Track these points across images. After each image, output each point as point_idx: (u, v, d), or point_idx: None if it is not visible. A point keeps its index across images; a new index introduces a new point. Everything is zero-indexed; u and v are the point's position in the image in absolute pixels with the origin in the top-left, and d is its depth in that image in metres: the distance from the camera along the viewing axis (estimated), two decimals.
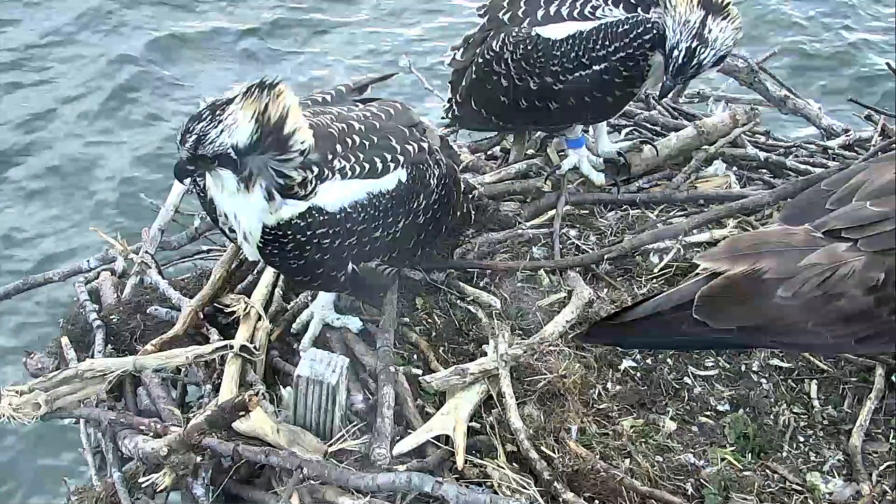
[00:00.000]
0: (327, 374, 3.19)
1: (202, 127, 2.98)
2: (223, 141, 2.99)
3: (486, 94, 4.25)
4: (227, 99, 3.02)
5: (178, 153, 3.06)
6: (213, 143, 2.99)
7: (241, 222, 3.20)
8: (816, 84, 9.74)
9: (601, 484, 3.19)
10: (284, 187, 3.12)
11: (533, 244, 4.23)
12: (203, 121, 2.99)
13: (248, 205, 3.15)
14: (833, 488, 3.33)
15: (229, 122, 2.98)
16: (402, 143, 3.40)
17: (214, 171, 3.09)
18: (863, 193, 3.07)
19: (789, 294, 2.97)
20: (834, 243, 2.99)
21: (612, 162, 4.59)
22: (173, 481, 3.23)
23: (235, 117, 2.99)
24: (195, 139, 2.99)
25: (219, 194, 3.18)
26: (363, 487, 3.06)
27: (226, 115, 2.99)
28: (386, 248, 3.39)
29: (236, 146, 3.00)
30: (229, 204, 3.19)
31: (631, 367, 3.70)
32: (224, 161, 3.03)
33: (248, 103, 2.99)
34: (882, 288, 2.93)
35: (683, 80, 4.13)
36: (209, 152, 3.00)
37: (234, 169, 3.05)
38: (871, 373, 3.65)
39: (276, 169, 3.08)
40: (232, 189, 3.11)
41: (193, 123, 3.00)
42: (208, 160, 3.03)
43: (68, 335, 3.82)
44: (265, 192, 3.11)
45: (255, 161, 3.05)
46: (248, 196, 3.11)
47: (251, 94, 3.00)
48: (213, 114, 2.99)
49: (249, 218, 3.18)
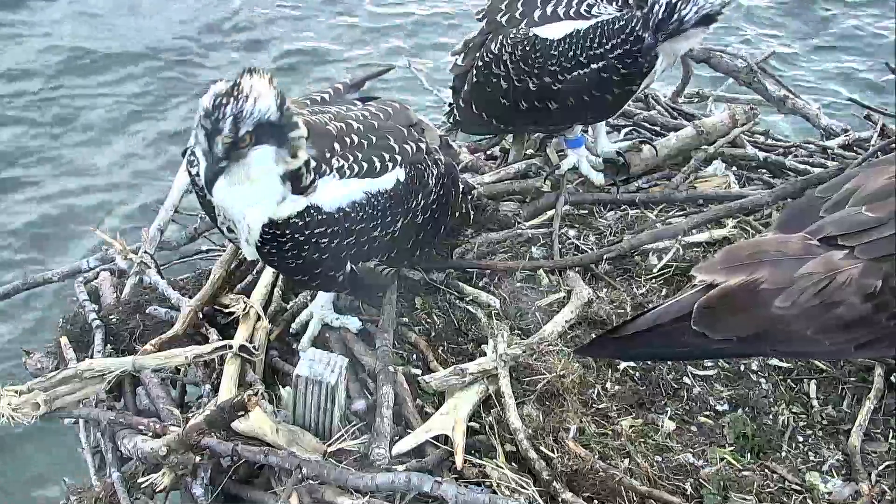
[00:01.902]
0: (326, 373, 3.19)
1: (232, 107, 2.90)
2: (260, 108, 2.92)
3: (487, 96, 4.26)
4: (234, 82, 2.95)
5: (209, 154, 2.94)
6: (251, 116, 2.91)
7: (247, 215, 3.16)
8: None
9: (600, 484, 3.19)
10: (295, 173, 3.09)
11: (532, 244, 4.24)
12: (229, 103, 2.91)
13: (257, 197, 3.11)
14: (832, 488, 3.33)
15: (254, 93, 2.92)
16: (401, 142, 3.40)
17: (245, 157, 2.99)
18: (857, 198, 3.07)
19: (787, 304, 2.97)
20: (830, 251, 2.99)
21: (612, 162, 4.60)
22: (172, 481, 3.23)
23: (256, 88, 2.93)
24: (233, 119, 2.89)
25: (225, 190, 3.07)
26: (362, 487, 3.06)
27: (247, 89, 2.92)
28: (384, 248, 3.39)
29: (270, 111, 2.94)
30: (238, 198, 3.12)
31: (630, 367, 3.70)
32: (263, 133, 2.95)
33: (256, 78, 2.95)
34: (880, 294, 2.93)
35: (664, 37, 3.98)
36: (250, 126, 2.91)
37: (275, 138, 2.99)
38: (871, 373, 3.66)
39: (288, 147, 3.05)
40: (266, 169, 3.03)
41: (220, 109, 2.90)
42: (246, 142, 2.94)
43: (68, 335, 3.83)
44: (281, 175, 3.07)
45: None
46: (258, 186, 3.07)
47: (251, 72, 2.96)
48: (233, 94, 2.92)
49: (255, 212, 3.14)
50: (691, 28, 3.96)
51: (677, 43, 4.05)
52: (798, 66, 10.20)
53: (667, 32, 3.94)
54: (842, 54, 10.53)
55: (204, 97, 2.95)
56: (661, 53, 4.05)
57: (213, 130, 2.91)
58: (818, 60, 10.42)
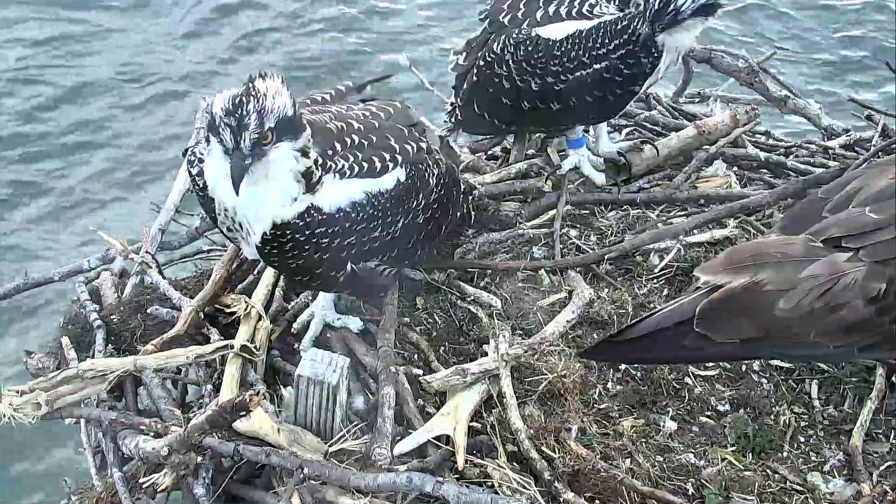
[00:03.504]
0: (328, 374, 3.19)
1: (253, 105, 2.92)
2: (279, 105, 2.95)
3: (489, 96, 4.25)
4: (249, 84, 2.97)
5: (235, 152, 2.94)
6: (273, 112, 2.93)
7: (261, 215, 3.14)
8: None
9: (602, 484, 3.19)
10: (307, 171, 3.09)
11: (533, 244, 4.23)
12: (250, 101, 2.92)
13: (274, 196, 3.10)
14: (834, 488, 3.33)
15: (271, 91, 2.95)
16: (401, 142, 3.39)
17: (266, 156, 2.99)
18: (860, 199, 3.07)
19: (790, 306, 2.96)
20: (834, 253, 2.98)
21: (613, 162, 4.60)
22: (174, 481, 3.23)
23: (273, 87, 2.96)
24: (257, 116, 2.91)
25: (245, 189, 3.02)
26: (364, 487, 3.06)
27: (263, 89, 2.95)
28: (385, 248, 3.39)
29: (287, 108, 2.97)
30: (256, 198, 3.09)
31: (631, 368, 3.70)
32: (282, 131, 2.98)
33: (269, 79, 2.98)
34: (884, 298, 2.93)
35: (662, 28, 3.95)
36: (272, 122, 2.93)
37: (292, 135, 3.01)
38: (872, 373, 3.66)
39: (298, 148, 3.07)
40: (285, 168, 3.05)
41: (243, 107, 2.91)
42: (268, 139, 2.95)
43: (69, 335, 3.82)
44: (296, 174, 3.08)
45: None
46: (276, 185, 3.07)
47: (263, 76, 2.99)
48: (251, 94, 2.94)
49: (268, 212, 3.13)
50: (689, 18, 3.94)
51: (678, 35, 4.01)
52: (798, 66, 10.19)
53: (664, 23, 3.92)
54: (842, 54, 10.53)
55: (216, 102, 2.96)
56: (664, 51, 4.03)
57: (239, 127, 2.92)
58: (818, 60, 10.43)
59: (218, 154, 3.02)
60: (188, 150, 3.41)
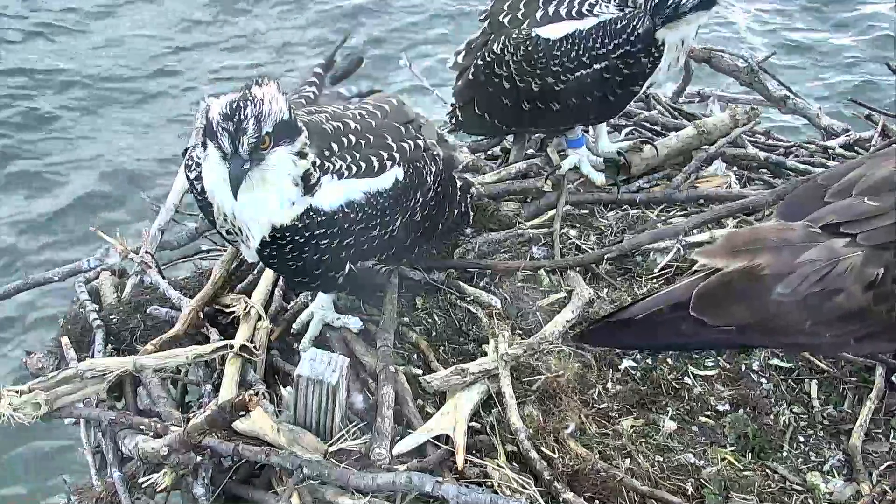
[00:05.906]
0: (327, 373, 3.19)
1: (251, 110, 2.92)
2: (278, 108, 2.95)
3: (489, 97, 4.25)
4: (245, 90, 2.98)
5: (233, 157, 2.94)
6: (270, 116, 2.93)
7: (260, 219, 3.15)
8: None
9: (601, 484, 3.19)
10: (305, 174, 3.09)
11: (533, 244, 4.23)
12: (246, 106, 2.92)
13: (272, 200, 3.10)
14: (833, 488, 3.33)
15: (268, 95, 2.95)
16: (398, 140, 3.39)
17: (264, 160, 3.00)
18: (861, 187, 3.06)
19: (788, 291, 2.95)
20: (832, 239, 2.98)
21: (613, 162, 4.59)
22: (173, 481, 3.23)
23: (269, 92, 2.96)
24: (255, 120, 2.91)
25: (244, 194, 3.02)
26: (363, 487, 3.06)
27: (261, 94, 2.95)
28: (383, 247, 3.39)
29: (283, 112, 2.97)
30: (254, 203, 3.09)
31: (631, 367, 3.70)
32: (283, 132, 2.98)
33: (265, 85, 2.98)
34: (881, 284, 2.92)
35: (662, 21, 3.93)
36: (270, 126, 2.94)
37: (289, 139, 3.01)
38: (872, 372, 3.65)
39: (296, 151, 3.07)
40: (282, 172, 3.05)
41: (241, 111, 2.91)
42: (266, 143, 2.96)
43: (68, 335, 3.82)
44: (294, 177, 3.08)
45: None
46: (274, 189, 3.08)
47: (259, 82, 2.99)
48: (247, 99, 2.94)
49: (267, 216, 3.13)
50: (690, 12, 3.92)
51: (678, 29, 3.99)
52: (798, 65, 10.20)
53: (664, 16, 3.90)
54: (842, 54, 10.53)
55: (213, 107, 2.96)
56: (665, 48, 4.02)
57: (237, 132, 2.92)
58: (819, 60, 10.42)
59: (216, 159, 3.02)
60: (187, 151, 3.41)
